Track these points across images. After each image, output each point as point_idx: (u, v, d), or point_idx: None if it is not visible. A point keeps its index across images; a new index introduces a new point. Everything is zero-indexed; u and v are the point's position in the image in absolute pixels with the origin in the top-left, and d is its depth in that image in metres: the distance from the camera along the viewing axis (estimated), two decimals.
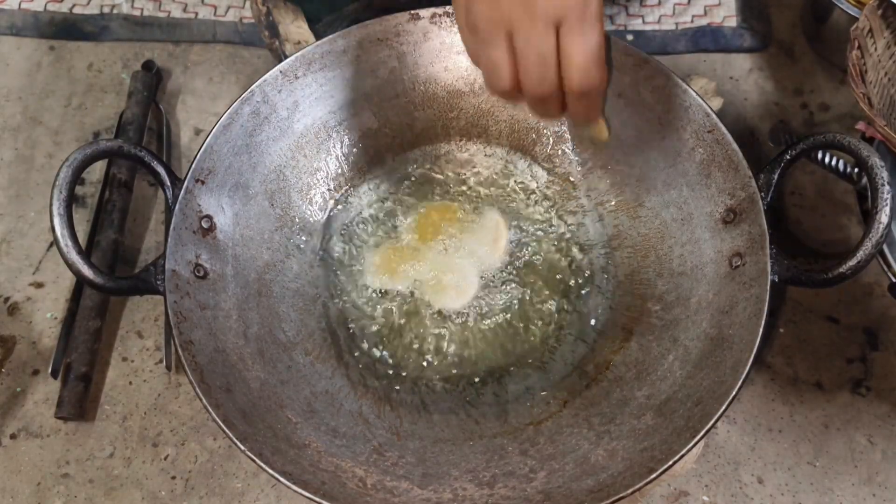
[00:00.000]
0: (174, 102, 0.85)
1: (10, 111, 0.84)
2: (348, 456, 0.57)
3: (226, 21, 0.89)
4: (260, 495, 0.65)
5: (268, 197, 0.67)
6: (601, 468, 0.55)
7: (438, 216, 0.70)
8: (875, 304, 0.71)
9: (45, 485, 0.66)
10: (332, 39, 0.68)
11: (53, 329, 0.72)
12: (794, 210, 0.76)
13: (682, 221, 0.65)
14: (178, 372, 0.70)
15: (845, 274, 0.54)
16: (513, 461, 0.58)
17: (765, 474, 0.65)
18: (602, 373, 0.63)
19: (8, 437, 0.68)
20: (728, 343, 0.57)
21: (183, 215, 0.60)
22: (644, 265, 0.66)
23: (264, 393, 0.59)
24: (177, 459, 0.66)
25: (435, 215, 0.70)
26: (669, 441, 0.53)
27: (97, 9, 0.90)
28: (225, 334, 0.60)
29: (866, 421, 0.67)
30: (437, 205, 0.70)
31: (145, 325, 0.72)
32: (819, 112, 0.82)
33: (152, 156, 0.60)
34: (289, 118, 0.68)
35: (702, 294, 0.61)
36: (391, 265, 0.67)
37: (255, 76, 0.66)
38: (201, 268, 0.60)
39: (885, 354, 0.69)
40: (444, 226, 0.69)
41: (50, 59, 0.88)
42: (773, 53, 0.86)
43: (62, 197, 0.55)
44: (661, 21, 0.88)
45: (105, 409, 0.69)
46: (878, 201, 0.54)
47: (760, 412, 0.67)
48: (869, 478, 0.64)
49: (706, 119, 0.63)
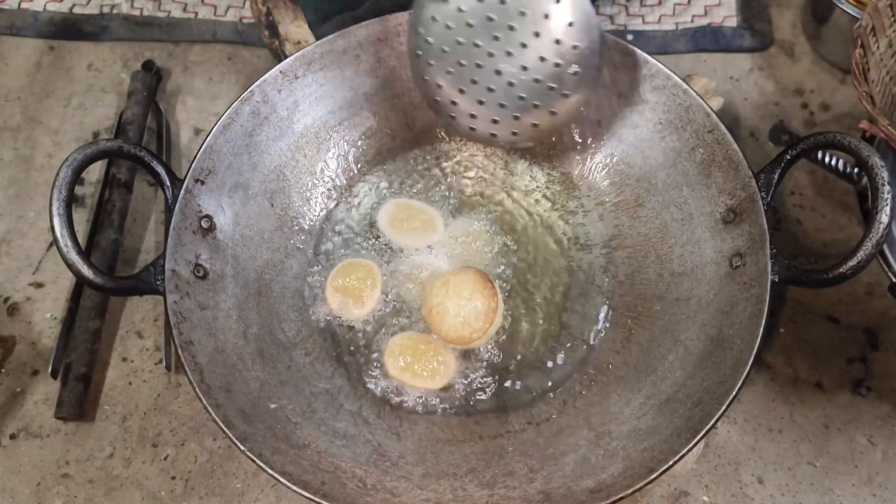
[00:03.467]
0: (174, 102, 0.85)
1: (9, 111, 0.84)
2: (348, 456, 0.57)
3: (226, 21, 0.89)
4: (260, 495, 0.65)
5: (268, 197, 0.67)
6: (601, 468, 0.55)
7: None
8: (875, 304, 0.71)
9: (45, 485, 0.66)
10: (332, 39, 0.68)
11: (53, 329, 0.72)
12: (794, 210, 0.76)
13: (682, 221, 0.65)
14: (178, 372, 0.70)
15: (845, 274, 0.54)
16: (513, 461, 0.58)
17: (765, 474, 0.65)
18: (602, 373, 0.62)
19: (8, 438, 0.68)
20: (728, 343, 0.57)
21: (183, 215, 0.60)
22: (644, 265, 0.66)
23: (264, 393, 0.59)
24: (177, 460, 0.66)
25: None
26: (669, 441, 0.53)
27: (97, 9, 0.90)
28: (225, 334, 0.60)
29: (867, 421, 0.67)
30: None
31: (145, 325, 0.72)
32: (819, 112, 0.82)
33: (152, 156, 0.60)
34: (289, 118, 0.68)
35: (702, 294, 0.61)
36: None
37: (255, 76, 0.66)
38: (201, 268, 0.60)
39: (885, 354, 0.69)
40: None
41: (50, 59, 0.88)
42: (774, 53, 0.86)
43: (62, 197, 0.55)
44: (661, 21, 0.88)
45: (105, 410, 0.69)
46: (878, 201, 0.54)
47: (761, 412, 0.67)
48: (869, 478, 0.64)
49: (706, 119, 0.63)
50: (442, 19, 0.62)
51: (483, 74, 0.63)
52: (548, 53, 0.60)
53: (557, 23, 0.59)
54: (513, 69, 0.62)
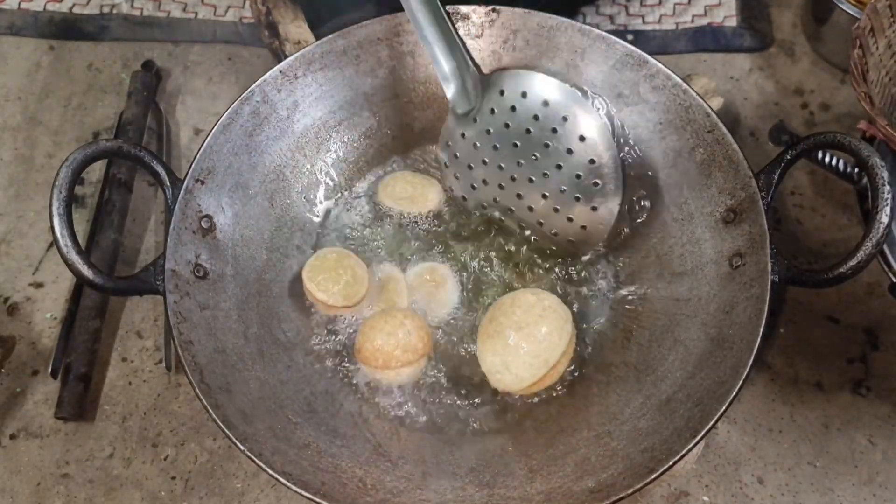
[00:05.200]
0: (174, 102, 0.85)
1: (9, 111, 0.84)
2: (348, 456, 0.57)
3: (226, 21, 0.89)
4: (260, 495, 0.65)
5: (268, 197, 0.67)
6: (601, 468, 0.54)
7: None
8: (875, 304, 0.71)
9: (45, 485, 0.66)
10: (332, 39, 0.68)
11: (53, 329, 0.72)
12: (794, 210, 0.76)
13: (682, 221, 0.65)
14: (178, 372, 0.70)
15: (845, 274, 0.54)
16: (513, 461, 0.58)
17: (765, 474, 0.65)
18: (602, 373, 0.62)
19: (8, 438, 0.68)
20: (728, 343, 0.57)
21: (183, 215, 0.60)
22: (644, 265, 0.66)
23: (264, 393, 0.59)
24: (176, 460, 0.66)
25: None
26: (669, 441, 0.53)
27: (97, 9, 0.90)
28: (225, 334, 0.60)
29: (867, 421, 0.67)
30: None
31: (145, 325, 0.72)
32: (819, 112, 0.82)
33: (152, 156, 0.60)
34: (288, 118, 0.68)
35: (702, 294, 0.61)
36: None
37: (255, 76, 0.66)
38: (201, 268, 0.60)
39: (885, 354, 0.69)
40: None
41: (50, 59, 0.88)
42: (773, 53, 0.86)
43: (62, 197, 0.55)
44: (661, 21, 0.88)
45: (105, 410, 0.69)
46: (878, 201, 0.53)
47: (761, 412, 0.67)
48: (869, 478, 0.64)
49: (706, 119, 0.63)
50: (470, 138, 0.66)
51: (505, 196, 0.67)
52: (569, 184, 0.64)
53: (584, 149, 0.62)
54: (534, 196, 0.65)
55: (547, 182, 0.64)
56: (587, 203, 0.64)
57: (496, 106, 0.64)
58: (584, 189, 0.63)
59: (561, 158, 0.63)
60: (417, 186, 0.70)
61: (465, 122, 0.66)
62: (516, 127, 0.64)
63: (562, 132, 0.63)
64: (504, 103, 0.64)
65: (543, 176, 0.64)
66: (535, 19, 0.67)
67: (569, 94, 0.63)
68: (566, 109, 0.62)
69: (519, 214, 0.67)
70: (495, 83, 0.65)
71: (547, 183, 0.64)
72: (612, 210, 0.64)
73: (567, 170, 0.63)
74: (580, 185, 0.63)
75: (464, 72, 0.65)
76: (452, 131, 0.67)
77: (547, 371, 0.59)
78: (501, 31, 0.68)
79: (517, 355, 0.59)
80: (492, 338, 0.60)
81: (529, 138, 0.64)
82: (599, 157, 0.62)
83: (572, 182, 0.64)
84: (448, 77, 0.65)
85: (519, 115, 0.64)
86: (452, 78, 0.65)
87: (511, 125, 0.64)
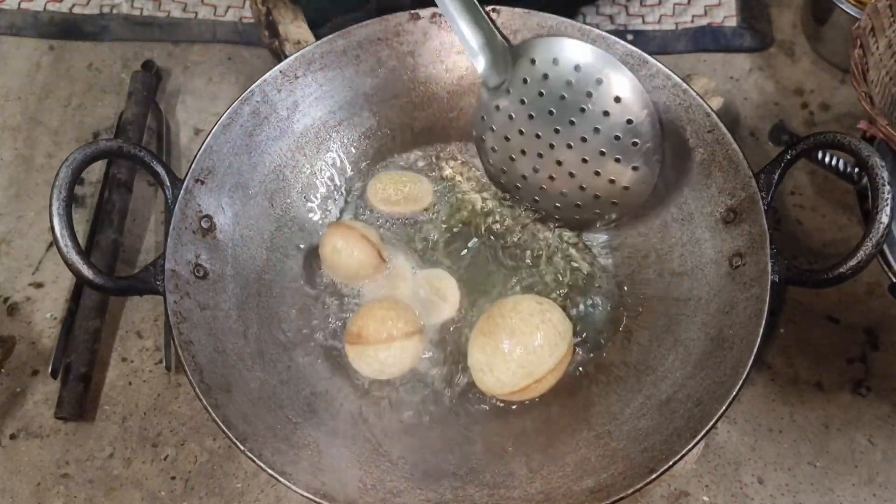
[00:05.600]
0: (174, 102, 0.85)
1: (9, 111, 0.84)
2: (348, 456, 0.57)
3: (225, 21, 0.89)
4: (260, 495, 0.65)
5: (268, 197, 0.67)
6: (601, 468, 0.55)
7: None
8: (875, 304, 0.71)
9: (45, 485, 0.66)
10: (332, 39, 0.68)
11: (53, 329, 0.72)
12: (794, 210, 0.76)
13: (682, 221, 0.65)
14: (178, 372, 0.70)
15: (845, 274, 0.54)
16: (513, 461, 0.58)
17: (765, 474, 0.65)
18: (602, 373, 0.62)
19: (8, 438, 0.68)
20: (728, 343, 0.57)
21: (183, 215, 0.60)
22: (644, 265, 0.66)
23: (264, 393, 0.59)
24: (176, 460, 0.66)
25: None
26: (669, 441, 0.53)
27: (97, 9, 0.90)
28: (225, 334, 0.60)
29: (867, 421, 0.67)
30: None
31: (145, 325, 0.72)
32: (819, 112, 0.82)
33: (152, 156, 0.60)
34: (288, 118, 0.68)
35: (702, 294, 0.61)
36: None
37: (255, 76, 0.66)
38: (201, 268, 0.60)
39: (885, 354, 0.69)
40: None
41: (50, 59, 0.88)
42: (773, 53, 0.86)
43: (62, 197, 0.55)
44: (661, 21, 0.88)
45: (105, 410, 0.69)
46: (878, 201, 0.53)
47: (761, 412, 0.67)
48: (869, 478, 0.64)
49: (706, 119, 0.63)
50: (505, 109, 0.66)
51: (544, 164, 0.66)
52: (607, 146, 0.62)
53: (621, 110, 0.61)
54: (574, 161, 0.64)
55: (585, 146, 0.63)
56: (628, 164, 0.62)
57: (528, 75, 0.64)
58: (623, 150, 0.62)
59: (598, 121, 0.62)
60: (408, 185, 0.70)
61: (499, 94, 0.65)
62: (550, 94, 0.63)
63: (597, 95, 0.61)
64: (536, 72, 0.63)
65: (582, 140, 0.63)
66: (535, 19, 0.67)
67: (600, 56, 0.61)
68: (599, 72, 0.61)
69: (559, 182, 0.66)
70: (525, 53, 0.64)
71: (585, 147, 0.63)
72: (653, 168, 0.63)
73: (605, 132, 0.62)
74: (619, 146, 0.62)
75: (493, 44, 0.65)
76: (486, 105, 0.66)
77: (530, 384, 0.59)
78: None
79: (503, 360, 0.59)
80: (484, 335, 0.60)
81: (564, 104, 0.63)
82: (636, 117, 0.61)
83: (611, 144, 0.62)
84: (476, 52, 0.65)
85: (552, 82, 0.63)
86: (481, 52, 0.65)
87: (545, 93, 0.63)
